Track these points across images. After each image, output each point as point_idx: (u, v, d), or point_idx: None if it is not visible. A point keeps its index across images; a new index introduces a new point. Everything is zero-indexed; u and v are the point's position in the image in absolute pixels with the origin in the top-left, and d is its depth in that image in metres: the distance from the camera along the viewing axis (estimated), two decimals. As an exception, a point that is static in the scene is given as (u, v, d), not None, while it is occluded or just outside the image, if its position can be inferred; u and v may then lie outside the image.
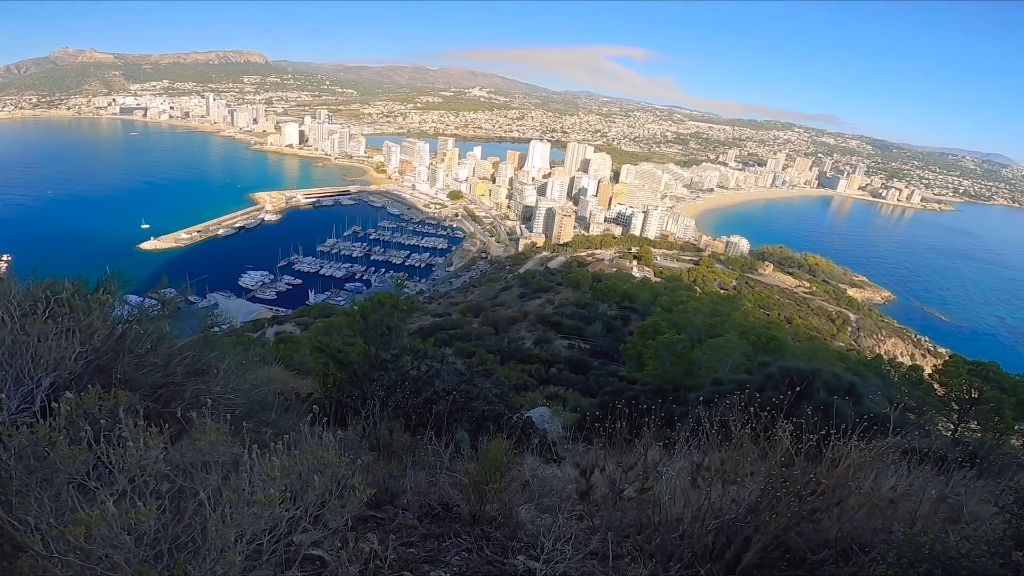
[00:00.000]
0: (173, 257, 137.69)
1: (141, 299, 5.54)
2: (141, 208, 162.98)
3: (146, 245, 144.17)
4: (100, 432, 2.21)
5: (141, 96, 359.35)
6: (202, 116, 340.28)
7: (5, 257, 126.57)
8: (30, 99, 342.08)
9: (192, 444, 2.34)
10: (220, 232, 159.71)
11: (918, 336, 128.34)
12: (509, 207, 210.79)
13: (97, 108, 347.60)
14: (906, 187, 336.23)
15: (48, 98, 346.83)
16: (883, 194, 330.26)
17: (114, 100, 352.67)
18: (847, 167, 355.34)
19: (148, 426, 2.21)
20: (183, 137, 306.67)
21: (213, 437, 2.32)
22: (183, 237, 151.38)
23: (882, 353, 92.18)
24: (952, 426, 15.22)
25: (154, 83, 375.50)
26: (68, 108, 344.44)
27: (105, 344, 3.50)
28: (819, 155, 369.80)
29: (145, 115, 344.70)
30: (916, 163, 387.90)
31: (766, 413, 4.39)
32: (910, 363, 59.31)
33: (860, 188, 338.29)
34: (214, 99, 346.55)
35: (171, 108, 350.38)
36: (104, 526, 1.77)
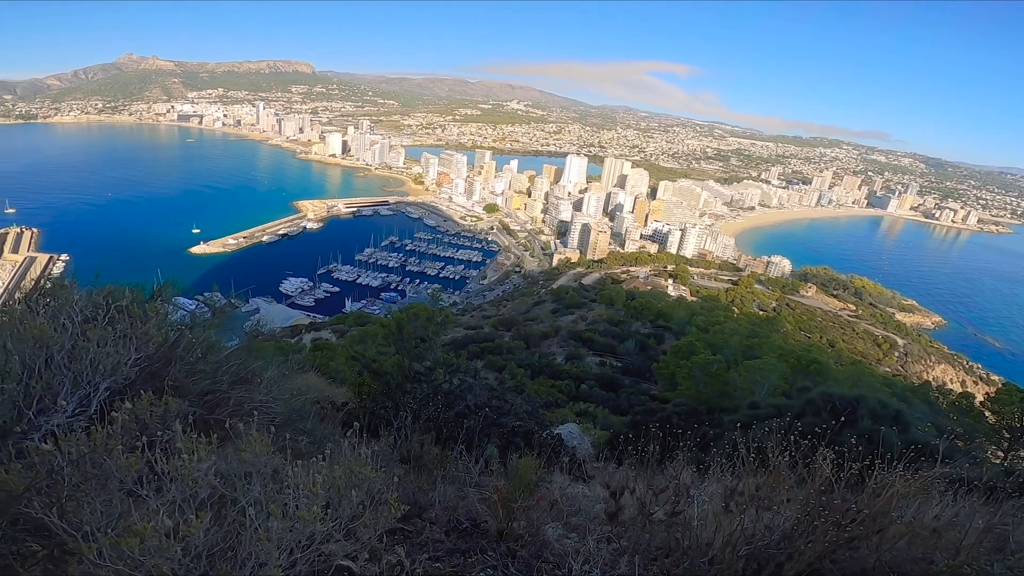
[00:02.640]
0: (220, 262, 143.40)
1: (194, 305, 5.82)
2: (193, 213, 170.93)
3: (196, 249, 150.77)
4: (154, 439, 2.33)
5: (198, 103, 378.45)
6: (252, 124, 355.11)
7: (63, 257, 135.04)
8: (96, 104, 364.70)
9: (237, 455, 2.44)
10: (264, 238, 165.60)
11: (970, 363, 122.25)
12: (544, 221, 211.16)
13: (157, 115, 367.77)
14: (961, 208, 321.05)
15: (112, 103, 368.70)
16: (936, 215, 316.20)
17: (172, 107, 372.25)
18: (898, 186, 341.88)
19: (198, 435, 2.32)
20: (235, 145, 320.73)
21: (258, 449, 2.42)
22: (230, 243, 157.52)
23: (931, 380, 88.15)
24: (1003, 454, 14.50)
25: (210, 91, 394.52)
26: (130, 114, 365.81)
27: (159, 351, 3.69)
28: (869, 173, 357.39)
29: (201, 122, 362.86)
30: (973, 182, 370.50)
31: (807, 441, 4.28)
32: (960, 390, 56.37)
33: (912, 208, 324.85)
34: (264, 108, 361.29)
35: (224, 116, 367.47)
36: (157, 537, 1.81)
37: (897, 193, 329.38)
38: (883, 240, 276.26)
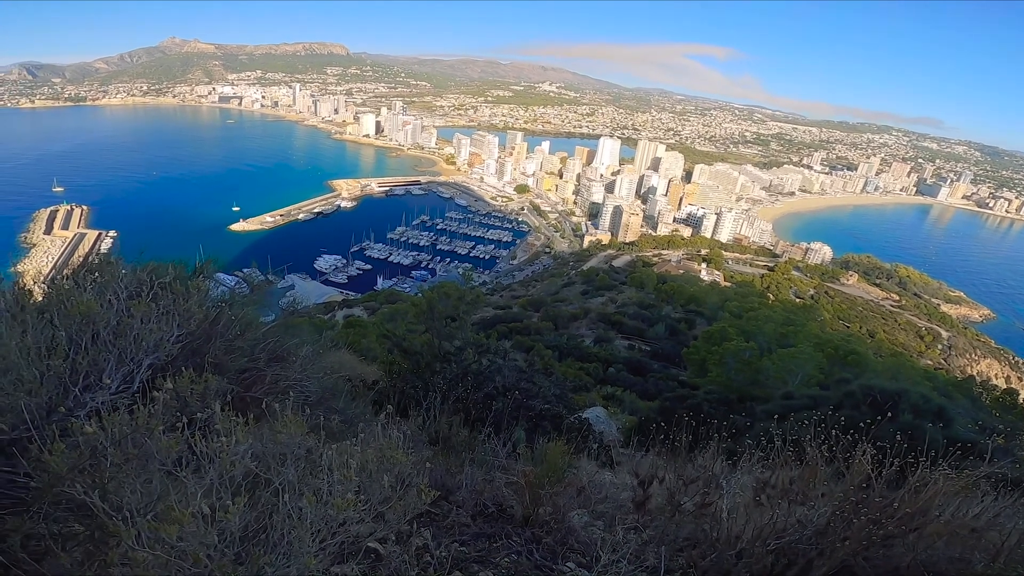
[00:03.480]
0: (258, 239, 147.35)
1: (234, 281, 5.95)
2: (234, 191, 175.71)
3: (235, 226, 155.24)
4: (193, 418, 2.37)
5: (237, 85, 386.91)
6: (289, 106, 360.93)
7: (112, 233, 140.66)
8: (141, 87, 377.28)
9: (273, 436, 2.47)
10: (300, 216, 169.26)
11: (1016, 358, 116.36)
12: (575, 203, 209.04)
13: (199, 96, 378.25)
14: (1016, 197, 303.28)
15: (157, 86, 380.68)
16: (990, 204, 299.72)
17: (214, 89, 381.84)
18: (951, 174, 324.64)
19: (235, 414, 2.35)
20: (272, 125, 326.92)
21: (293, 430, 2.44)
22: (268, 220, 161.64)
23: (974, 374, 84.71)
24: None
25: (249, 73, 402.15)
26: (173, 96, 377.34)
27: (200, 328, 3.76)
28: (919, 161, 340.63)
29: (240, 104, 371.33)
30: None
31: (848, 436, 4.13)
32: (1005, 386, 53.82)
33: (964, 197, 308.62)
34: (300, 89, 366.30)
35: (262, 97, 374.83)
36: (195, 523, 1.84)
37: (949, 181, 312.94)
38: (931, 229, 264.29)
